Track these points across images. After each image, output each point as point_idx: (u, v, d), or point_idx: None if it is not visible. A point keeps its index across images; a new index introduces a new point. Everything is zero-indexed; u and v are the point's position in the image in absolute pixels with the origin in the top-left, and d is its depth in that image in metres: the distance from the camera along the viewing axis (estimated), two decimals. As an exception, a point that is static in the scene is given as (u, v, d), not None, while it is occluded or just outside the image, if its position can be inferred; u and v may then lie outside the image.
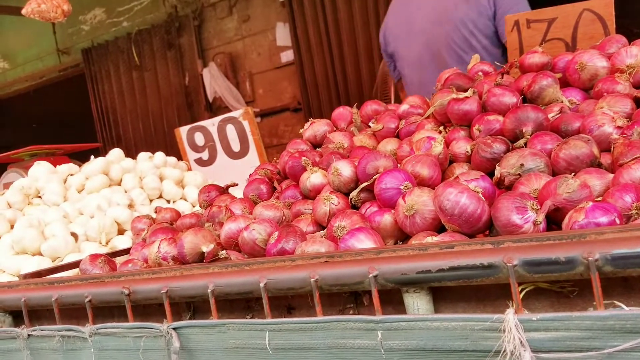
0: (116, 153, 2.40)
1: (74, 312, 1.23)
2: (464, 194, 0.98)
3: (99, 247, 1.87)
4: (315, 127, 1.71)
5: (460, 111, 1.40)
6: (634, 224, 0.84)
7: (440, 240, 0.98)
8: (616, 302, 0.71)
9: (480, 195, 1.00)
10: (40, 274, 1.49)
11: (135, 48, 6.74)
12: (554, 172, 1.11)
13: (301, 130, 1.76)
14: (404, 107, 1.62)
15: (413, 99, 1.65)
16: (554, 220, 0.98)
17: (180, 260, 1.22)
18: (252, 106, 6.04)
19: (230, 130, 2.58)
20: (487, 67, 1.71)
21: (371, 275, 0.82)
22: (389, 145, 1.48)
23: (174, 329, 0.98)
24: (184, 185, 2.40)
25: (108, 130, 7.28)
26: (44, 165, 2.31)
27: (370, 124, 1.69)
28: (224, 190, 1.68)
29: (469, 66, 1.76)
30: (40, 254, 1.79)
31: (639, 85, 1.38)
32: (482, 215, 0.98)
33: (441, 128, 1.46)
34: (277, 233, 1.16)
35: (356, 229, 1.06)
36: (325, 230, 1.19)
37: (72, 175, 2.27)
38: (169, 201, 2.28)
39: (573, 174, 1.03)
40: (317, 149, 1.65)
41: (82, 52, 7.22)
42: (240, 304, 1.07)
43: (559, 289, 0.76)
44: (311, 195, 1.39)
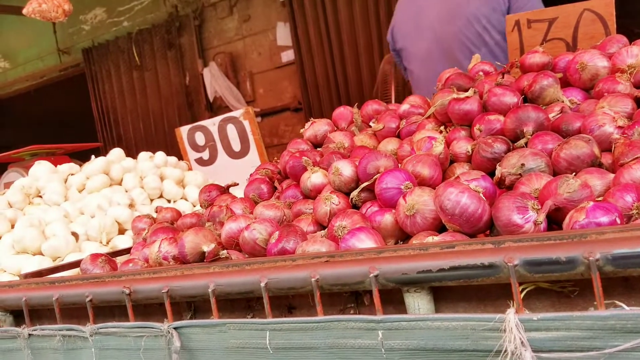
0: (117, 153, 2.40)
1: (74, 312, 1.23)
2: (464, 194, 0.98)
3: (100, 246, 1.86)
4: (316, 127, 1.71)
5: (461, 111, 1.40)
6: (634, 224, 0.83)
7: (441, 240, 0.98)
8: (617, 302, 0.71)
9: (481, 195, 1.00)
10: (41, 273, 1.49)
11: (135, 48, 6.75)
12: (555, 172, 1.11)
13: (302, 130, 1.76)
14: (404, 107, 1.62)
15: (414, 99, 1.65)
16: (554, 220, 0.98)
17: (181, 259, 1.22)
18: (253, 106, 6.05)
19: (231, 130, 2.58)
20: (488, 66, 1.71)
21: (372, 275, 0.82)
22: (390, 145, 1.48)
23: (175, 328, 0.98)
24: (184, 185, 2.40)
25: (108, 130, 7.29)
26: (44, 165, 2.31)
27: (370, 123, 1.69)
28: (224, 190, 1.68)
29: (470, 66, 1.76)
30: (40, 254, 1.79)
31: (639, 85, 1.38)
32: (482, 215, 0.98)
33: (442, 128, 1.46)
34: (277, 233, 1.16)
35: (357, 229, 1.06)
36: (326, 230, 1.19)
37: (72, 174, 2.27)
38: (169, 201, 2.28)
39: (574, 173, 1.03)
40: (318, 149, 1.65)
41: (82, 52, 7.22)
42: (241, 303, 1.07)
43: (560, 289, 0.76)
44: (312, 195, 1.39)
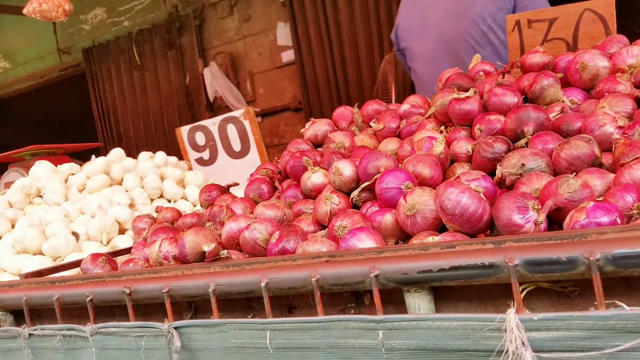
0: (117, 152, 2.40)
1: (75, 312, 1.23)
2: (465, 194, 0.98)
3: (100, 246, 1.86)
4: (316, 127, 1.71)
5: (461, 111, 1.40)
6: (635, 224, 0.83)
7: (442, 240, 0.98)
8: (617, 301, 0.71)
9: (482, 195, 1.00)
10: (41, 273, 1.49)
11: (136, 48, 6.75)
12: (555, 172, 1.11)
13: (302, 130, 1.76)
14: (405, 106, 1.62)
15: (414, 99, 1.65)
16: (555, 220, 0.98)
17: (181, 259, 1.22)
18: (253, 106, 6.05)
19: (231, 130, 2.58)
20: (488, 66, 1.71)
21: (372, 274, 0.82)
22: (390, 145, 1.48)
23: (175, 328, 0.98)
24: (184, 184, 2.40)
25: (109, 130, 7.29)
26: (45, 165, 2.31)
27: (371, 123, 1.69)
28: (225, 190, 1.68)
29: (470, 66, 1.76)
30: (41, 254, 1.79)
31: (640, 85, 1.38)
32: (483, 215, 0.98)
33: (442, 128, 1.46)
34: (278, 232, 1.16)
35: (357, 229, 1.06)
36: (326, 229, 1.19)
37: (73, 174, 2.27)
38: (169, 201, 2.28)
39: (574, 173, 1.03)
40: (318, 149, 1.65)
41: (83, 52, 7.22)
42: (241, 303, 1.07)
43: (560, 289, 0.76)
44: (312, 194, 1.39)
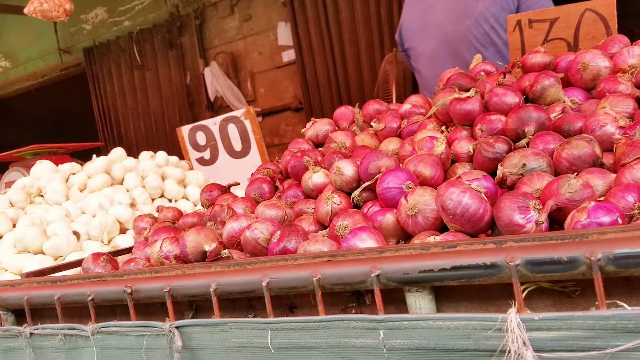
0: (118, 152, 2.40)
1: (76, 311, 1.23)
2: (466, 194, 0.98)
3: (101, 246, 1.87)
4: (317, 127, 1.71)
5: (462, 111, 1.40)
6: (636, 224, 0.84)
7: (443, 240, 0.98)
8: (618, 301, 0.71)
9: (483, 194, 1.00)
10: (42, 272, 1.49)
11: (136, 47, 6.75)
12: (556, 172, 1.11)
13: (303, 130, 1.76)
14: (406, 106, 1.62)
15: (415, 99, 1.65)
16: (556, 220, 0.98)
17: (182, 259, 1.22)
18: (254, 105, 6.05)
19: (232, 130, 2.58)
20: (490, 66, 1.71)
21: (373, 274, 0.82)
22: (391, 144, 1.48)
23: (177, 327, 0.98)
24: (185, 184, 2.40)
25: (109, 130, 7.29)
26: (45, 164, 2.31)
27: (372, 123, 1.69)
28: (225, 190, 1.68)
29: (471, 66, 1.76)
30: (42, 253, 1.79)
31: (641, 85, 1.38)
32: (484, 214, 0.98)
33: (443, 128, 1.46)
34: (279, 232, 1.16)
35: (358, 228, 1.06)
36: (328, 229, 1.19)
37: (74, 174, 2.27)
38: (170, 200, 2.28)
39: (575, 173, 1.03)
40: (319, 149, 1.65)
41: (83, 51, 7.22)
42: (242, 303, 1.07)
43: (561, 289, 0.76)
44: (313, 194, 1.39)
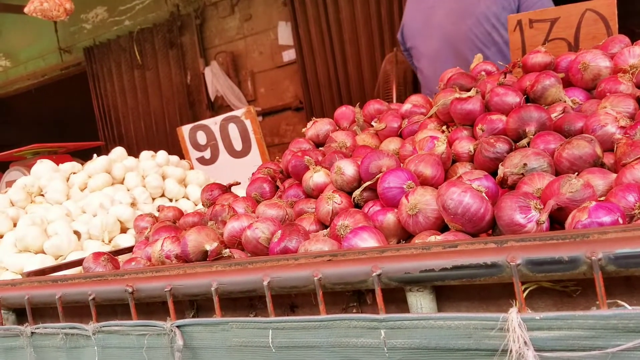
0: (119, 152, 2.40)
1: (77, 310, 1.23)
2: (467, 193, 0.98)
3: (102, 245, 1.87)
4: (318, 126, 1.71)
5: (463, 110, 1.40)
6: (637, 224, 0.84)
7: (444, 240, 0.98)
8: (619, 301, 0.71)
9: (484, 194, 1.00)
10: (43, 271, 1.49)
11: (137, 47, 6.75)
12: (557, 171, 1.11)
13: (304, 130, 1.76)
14: (406, 106, 1.63)
15: (416, 98, 1.65)
16: (557, 219, 0.98)
17: (183, 258, 1.23)
18: (254, 105, 6.05)
19: (232, 129, 2.58)
20: (490, 66, 1.71)
21: (374, 274, 0.82)
22: (392, 144, 1.49)
23: (178, 327, 0.98)
24: (186, 184, 2.40)
25: (110, 129, 7.29)
26: (46, 164, 2.31)
27: (372, 123, 1.69)
28: (226, 189, 1.68)
29: (472, 66, 1.76)
30: (43, 252, 1.79)
31: (641, 85, 1.38)
32: (485, 214, 0.98)
33: (444, 127, 1.46)
34: (280, 232, 1.16)
35: (359, 228, 1.06)
36: (328, 229, 1.19)
37: (74, 173, 2.27)
38: (171, 200, 2.28)
39: (576, 173, 1.03)
40: (320, 148, 1.65)
41: (84, 51, 7.22)
42: (243, 302, 1.07)
43: (562, 288, 0.77)
44: (314, 194, 1.39)
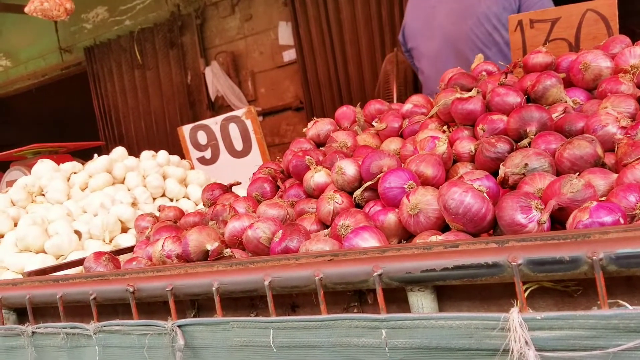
0: (119, 151, 2.40)
1: (78, 310, 1.23)
2: (468, 193, 0.98)
3: (103, 245, 1.87)
4: (319, 126, 1.72)
5: (464, 111, 1.40)
6: (638, 224, 0.84)
7: (445, 239, 0.98)
8: (620, 301, 0.71)
9: (485, 194, 1.00)
10: (44, 271, 1.49)
11: (137, 46, 6.75)
12: (558, 171, 1.11)
13: (304, 129, 1.76)
14: (407, 106, 1.63)
15: (417, 98, 1.65)
16: (558, 219, 0.98)
17: (184, 258, 1.23)
18: (254, 105, 6.05)
19: (233, 129, 2.58)
20: (491, 66, 1.71)
21: (376, 273, 0.82)
22: (393, 144, 1.49)
23: (179, 326, 0.98)
24: (186, 183, 2.40)
25: (110, 129, 7.29)
26: (47, 164, 2.31)
27: (373, 123, 1.69)
28: (227, 189, 1.69)
29: (473, 66, 1.76)
30: (43, 252, 1.79)
31: (642, 86, 1.38)
32: (486, 214, 0.98)
33: (445, 127, 1.46)
34: (281, 231, 1.16)
35: (360, 228, 1.06)
36: (329, 228, 1.19)
37: (75, 173, 2.27)
38: (172, 199, 2.28)
39: (577, 173, 1.03)
40: (321, 148, 1.65)
41: (84, 51, 7.23)
42: (244, 302, 1.07)
43: (563, 288, 0.77)
44: (315, 194, 1.39)
